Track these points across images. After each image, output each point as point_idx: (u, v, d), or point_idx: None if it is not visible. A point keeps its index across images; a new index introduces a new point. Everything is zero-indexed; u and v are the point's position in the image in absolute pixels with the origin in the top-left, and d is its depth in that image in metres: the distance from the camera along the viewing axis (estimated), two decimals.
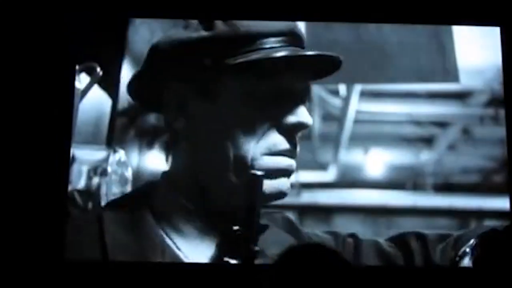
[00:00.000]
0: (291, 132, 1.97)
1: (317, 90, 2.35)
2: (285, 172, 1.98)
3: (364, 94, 2.38)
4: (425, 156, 2.38)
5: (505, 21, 2.39)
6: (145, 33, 2.27)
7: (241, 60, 1.91)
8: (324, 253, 1.11)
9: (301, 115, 1.96)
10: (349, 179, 2.33)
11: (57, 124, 2.10)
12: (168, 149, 2.05)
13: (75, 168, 1.94)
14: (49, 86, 2.18)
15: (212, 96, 1.96)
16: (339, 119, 2.36)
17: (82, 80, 2.08)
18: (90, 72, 2.07)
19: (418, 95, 2.41)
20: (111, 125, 2.10)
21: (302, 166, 2.17)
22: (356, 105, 2.38)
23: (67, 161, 2.01)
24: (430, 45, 2.42)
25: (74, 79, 2.08)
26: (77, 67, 2.09)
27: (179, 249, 1.93)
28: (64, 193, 2.01)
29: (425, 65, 2.41)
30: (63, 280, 2.01)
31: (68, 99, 2.11)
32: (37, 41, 2.21)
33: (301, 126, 1.97)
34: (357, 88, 2.38)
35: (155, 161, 2.08)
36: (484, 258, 1.21)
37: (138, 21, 2.28)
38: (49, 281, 2.00)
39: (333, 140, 2.35)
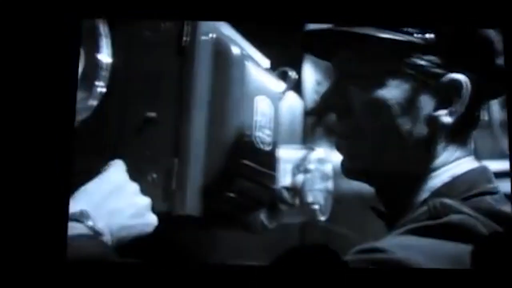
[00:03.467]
0: None
1: None
2: None
3: None
4: None
5: (505, 25, 2.30)
6: None
7: None
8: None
9: None
10: None
11: (59, 124, 2.09)
12: None
13: (280, 167, 2.08)
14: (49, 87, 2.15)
15: None
16: None
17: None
18: (284, 77, 2.20)
19: None
20: (303, 125, 2.25)
21: (484, 155, 2.20)
22: None
23: (70, 158, 2.01)
24: None
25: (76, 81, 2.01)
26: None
27: None
28: (65, 193, 1.94)
29: None
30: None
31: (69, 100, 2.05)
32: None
33: None
34: None
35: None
36: (484, 259, 1.20)
37: None
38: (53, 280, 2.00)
39: None
